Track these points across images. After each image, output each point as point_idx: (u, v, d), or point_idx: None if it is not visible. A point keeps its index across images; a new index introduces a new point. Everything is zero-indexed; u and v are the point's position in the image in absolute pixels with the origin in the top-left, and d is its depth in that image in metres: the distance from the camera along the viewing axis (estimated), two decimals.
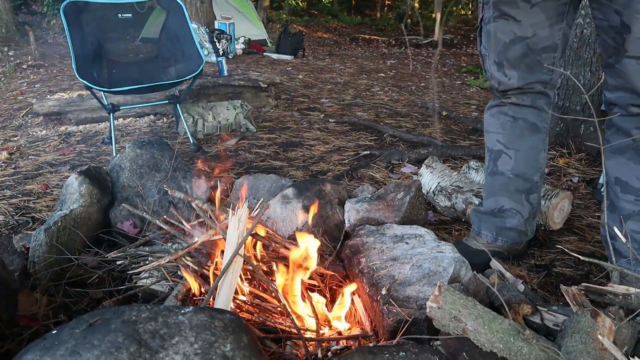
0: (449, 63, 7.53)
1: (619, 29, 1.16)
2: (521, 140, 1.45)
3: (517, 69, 1.36)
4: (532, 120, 1.43)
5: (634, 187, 1.30)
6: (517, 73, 1.36)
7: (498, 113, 1.48)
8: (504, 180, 1.50)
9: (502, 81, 1.40)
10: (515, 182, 1.48)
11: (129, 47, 2.94)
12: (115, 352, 0.70)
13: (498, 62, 1.38)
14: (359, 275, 1.24)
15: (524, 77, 1.37)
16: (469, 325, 0.90)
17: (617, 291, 1.00)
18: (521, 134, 1.44)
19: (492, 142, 1.51)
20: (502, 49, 1.35)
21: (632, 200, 1.31)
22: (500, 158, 1.49)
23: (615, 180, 1.34)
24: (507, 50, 1.34)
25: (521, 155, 1.46)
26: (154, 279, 1.28)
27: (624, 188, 1.32)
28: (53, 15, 8.52)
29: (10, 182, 2.19)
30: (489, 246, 1.55)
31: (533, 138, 1.45)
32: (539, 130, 1.45)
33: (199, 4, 7.11)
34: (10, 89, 4.34)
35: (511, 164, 1.47)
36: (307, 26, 13.23)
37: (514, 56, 1.35)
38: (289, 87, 4.65)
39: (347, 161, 2.57)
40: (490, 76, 1.44)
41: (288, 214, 1.55)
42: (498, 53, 1.37)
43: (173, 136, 2.98)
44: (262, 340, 1.01)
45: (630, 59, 1.17)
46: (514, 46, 1.33)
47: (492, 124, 1.51)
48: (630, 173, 1.30)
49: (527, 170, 1.47)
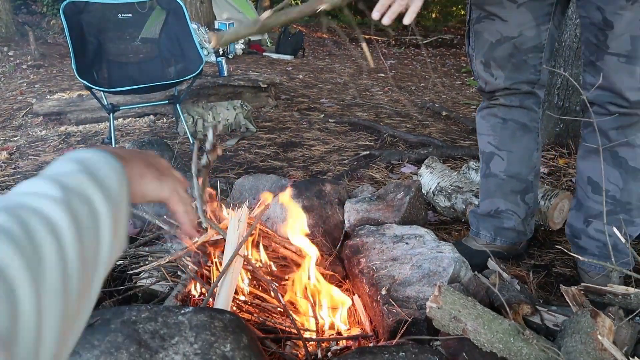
0: (449, 63, 7.53)
1: (601, 25, 1.17)
2: (512, 142, 1.45)
3: (503, 69, 1.36)
4: (522, 121, 1.43)
5: (604, 188, 1.31)
6: (504, 73, 1.36)
7: (488, 115, 1.48)
8: (497, 182, 1.50)
9: (489, 81, 1.40)
10: (509, 183, 1.48)
11: (129, 47, 2.93)
12: (115, 352, 0.70)
13: (485, 62, 1.38)
14: (359, 276, 1.24)
15: (510, 77, 1.36)
16: (469, 325, 0.90)
17: (617, 291, 1.00)
18: (512, 135, 1.44)
19: (483, 144, 1.51)
20: (489, 49, 1.35)
21: (600, 201, 1.33)
22: (493, 160, 1.49)
23: (588, 180, 1.36)
24: (494, 50, 1.34)
25: (514, 156, 1.46)
26: (153, 279, 1.28)
27: (594, 188, 1.34)
28: (53, 15, 8.52)
29: (10, 182, 2.19)
30: (488, 246, 1.55)
31: (524, 138, 1.45)
32: (529, 130, 1.44)
33: (198, 4, 7.11)
34: (10, 89, 4.34)
35: (504, 166, 1.47)
36: (307, 26, 13.23)
37: (500, 56, 1.34)
38: (289, 87, 4.65)
39: (347, 161, 2.57)
40: (477, 76, 1.44)
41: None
42: (484, 53, 1.36)
43: (173, 136, 2.98)
44: (261, 341, 1.01)
45: (611, 56, 1.17)
46: (500, 46, 1.32)
47: (483, 126, 1.50)
48: (602, 174, 1.31)
49: (520, 170, 1.47)
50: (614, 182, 1.30)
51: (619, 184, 1.30)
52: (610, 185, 1.31)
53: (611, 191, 1.31)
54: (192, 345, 0.74)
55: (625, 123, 1.25)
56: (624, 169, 1.28)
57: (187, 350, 0.73)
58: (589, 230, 1.38)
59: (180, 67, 2.83)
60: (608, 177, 1.30)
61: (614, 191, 1.31)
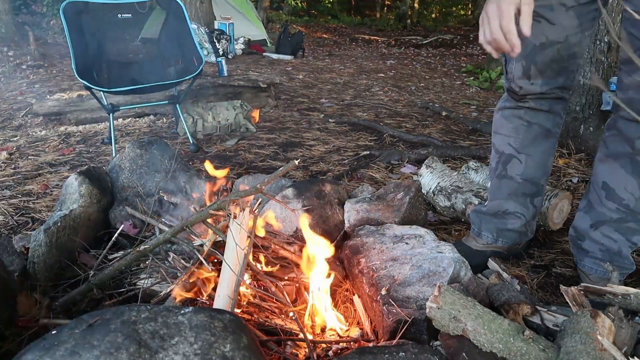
0: (449, 63, 7.53)
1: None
2: (534, 146, 1.41)
3: (542, 74, 1.30)
4: (546, 126, 1.39)
5: (619, 196, 1.28)
6: (542, 78, 1.30)
7: (512, 116, 1.42)
8: (512, 185, 1.47)
9: (524, 86, 1.33)
10: (524, 186, 1.46)
11: (129, 47, 2.93)
12: (114, 352, 0.70)
13: (525, 66, 1.30)
14: (359, 276, 1.24)
15: (548, 83, 1.31)
16: (469, 325, 0.90)
17: (617, 291, 1.00)
18: (534, 139, 1.40)
19: (502, 145, 1.46)
20: (532, 52, 1.27)
21: (613, 209, 1.30)
22: (511, 162, 1.45)
23: (603, 185, 1.32)
24: (536, 54, 1.27)
25: (532, 160, 1.42)
26: (153, 280, 1.28)
27: (609, 194, 1.30)
28: (53, 15, 8.52)
29: (10, 183, 2.19)
30: (488, 247, 1.55)
31: (545, 143, 1.42)
32: (552, 135, 1.41)
33: (198, 4, 7.11)
34: (10, 89, 4.34)
35: (521, 169, 1.44)
36: (307, 26, 13.23)
37: (543, 60, 1.28)
38: (289, 87, 4.65)
39: (346, 161, 2.57)
40: (512, 79, 1.35)
41: (288, 214, 1.54)
42: (526, 56, 1.28)
43: (173, 136, 2.98)
44: (263, 342, 1.01)
45: None
46: (544, 50, 1.26)
47: (503, 126, 1.45)
48: (620, 181, 1.27)
49: (536, 174, 1.45)
50: (631, 191, 1.26)
51: (636, 194, 1.25)
52: (626, 194, 1.27)
53: (626, 200, 1.27)
54: (192, 345, 0.74)
55: None
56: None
57: (187, 351, 0.73)
58: (595, 233, 1.36)
59: (180, 67, 2.84)
60: (625, 186, 1.26)
61: (628, 200, 1.27)
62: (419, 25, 14.75)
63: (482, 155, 2.60)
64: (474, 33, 10.75)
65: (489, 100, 4.53)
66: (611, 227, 1.32)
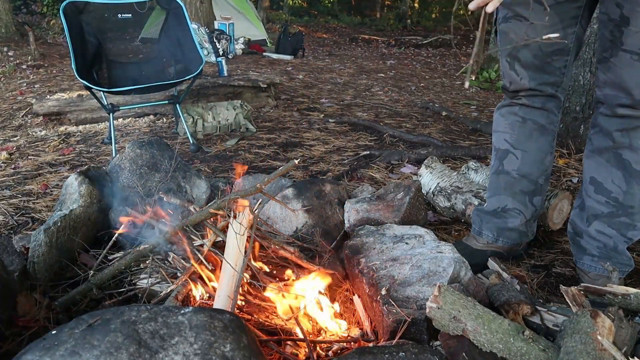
0: (449, 63, 7.53)
1: (618, 21, 1.18)
2: (529, 141, 1.45)
3: (528, 69, 1.36)
4: (541, 122, 1.43)
5: (607, 189, 1.32)
6: (529, 73, 1.36)
7: (508, 113, 1.48)
8: (509, 180, 1.50)
9: (514, 80, 1.40)
10: (520, 182, 1.48)
11: (129, 47, 2.93)
12: (114, 352, 0.70)
13: (510, 62, 1.38)
14: (359, 276, 1.24)
15: (535, 78, 1.37)
16: (469, 325, 0.90)
17: (617, 291, 1.00)
18: (529, 135, 1.44)
19: (499, 141, 1.51)
20: (514, 48, 1.35)
21: (602, 202, 1.34)
22: (507, 157, 1.49)
23: (590, 180, 1.37)
24: (519, 51, 1.35)
25: (528, 156, 1.46)
26: (153, 280, 1.28)
27: (597, 188, 1.35)
28: (53, 15, 8.52)
29: (10, 182, 2.19)
30: (489, 246, 1.55)
31: (541, 140, 1.45)
32: (547, 132, 1.45)
33: (198, 4, 7.11)
34: (10, 89, 4.34)
35: (517, 164, 1.47)
36: (307, 26, 13.23)
37: (525, 57, 1.35)
38: (289, 87, 4.65)
39: (346, 161, 2.57)
40: (503, 75, 1.44)
41: (288, 214, 1.55)
42: (510, 52, 1.37)
43: (173, 136, 2.98)
44: (263, 342, 1.01)
45: (625, 52, 1.18)
46: (525, 47, 1.33)
47: (500, 124, 1.51)
48: (606, 175, 1.32)
49: (532, 171, 1.47)
50: (618, 183, 1.30)
51: (622, 187, 1.30)
52: (613, 187, 1.31)
53: (614, 193, 1.31)
54: (192, 345, 0.74)
55: (630, 126, 1.25)
56: (627, 172, 1.28)
57: (187, 351, 0.73)
58: (590, 230, 1.39)
59: (180, 67, 2.84)
60: (612, 179, 1.31)
61: (617, 193, 1.31)
62: (419, 25, 14.75)
63: (482, 155, 2.60)
64: (474, 33, 10.75)
65: (489, 100, 4.53)
66: (604, 223, 1.35)
